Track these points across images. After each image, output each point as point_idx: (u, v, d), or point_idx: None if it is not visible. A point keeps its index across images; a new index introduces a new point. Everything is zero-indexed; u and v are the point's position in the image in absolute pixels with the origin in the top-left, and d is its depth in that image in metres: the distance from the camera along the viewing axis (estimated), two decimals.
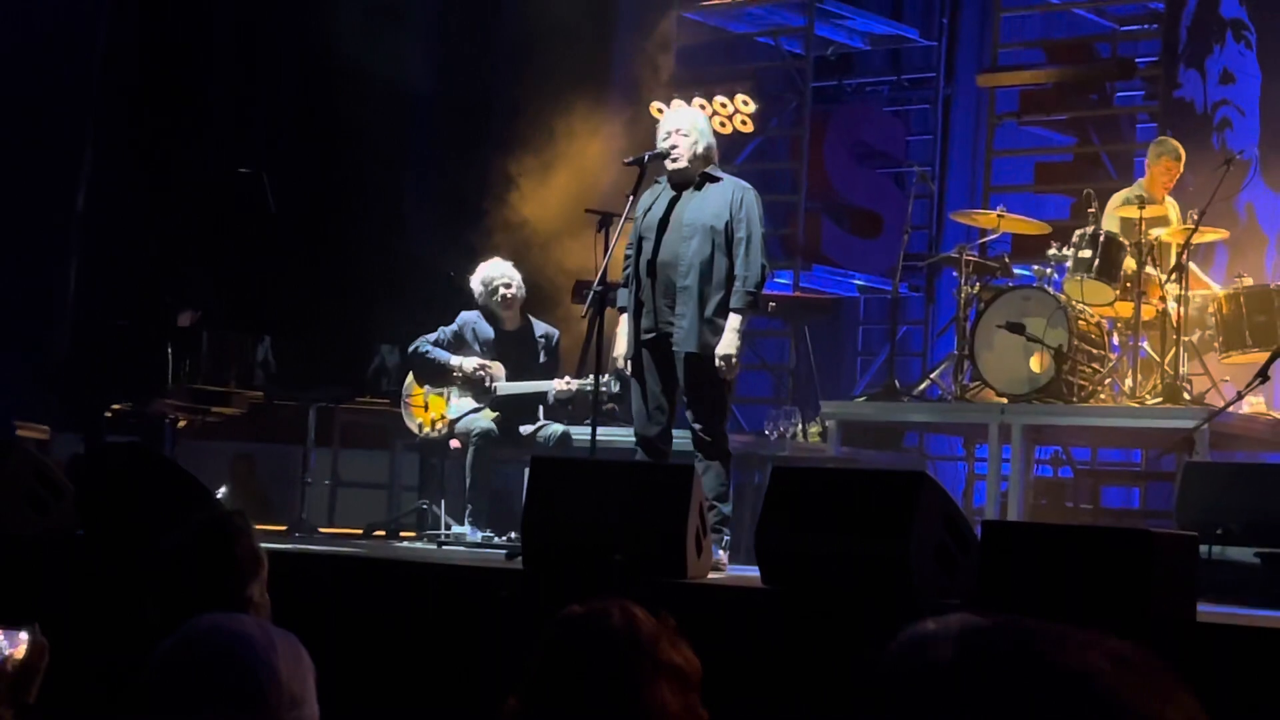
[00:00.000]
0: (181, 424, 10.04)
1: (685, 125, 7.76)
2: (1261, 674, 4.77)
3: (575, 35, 12.57)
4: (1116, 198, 10.23)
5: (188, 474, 7.12)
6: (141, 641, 3.49)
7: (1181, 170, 10.28)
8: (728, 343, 7.46)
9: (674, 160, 7.65)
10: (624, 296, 7.80)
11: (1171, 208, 10.26)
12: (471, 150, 12.88)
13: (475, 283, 9.29)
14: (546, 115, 11.87)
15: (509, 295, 9.25)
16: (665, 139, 7.71)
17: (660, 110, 12.52)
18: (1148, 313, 9.73)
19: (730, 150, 12.20)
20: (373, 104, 12.28)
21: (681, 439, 7.79)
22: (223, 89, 13.04)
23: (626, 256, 7.78)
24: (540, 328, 9.44)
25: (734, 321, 7.49)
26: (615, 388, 8.67)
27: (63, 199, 12.26)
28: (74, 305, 12.05)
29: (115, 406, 9.88)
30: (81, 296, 12.04)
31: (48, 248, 12.19)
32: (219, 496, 9.41)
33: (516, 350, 9.27)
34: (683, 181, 7.69)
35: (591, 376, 7.99)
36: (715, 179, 7.67)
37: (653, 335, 7.59)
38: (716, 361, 7.46)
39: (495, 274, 9.27)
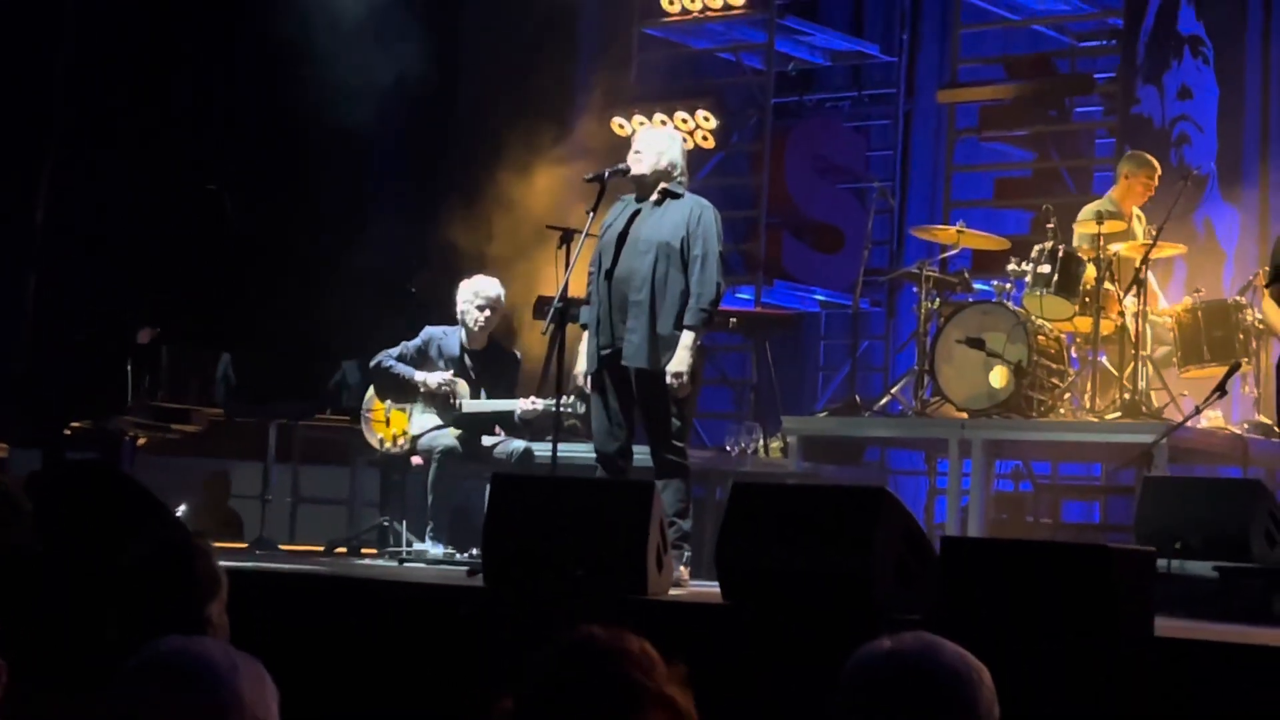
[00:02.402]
0: (141, 441, 10.00)
1: (654, 137, 7.89)
2: (1218, 688, 4.79)
3: (537, 51, 12.57)
4: (1087, 210, 10.24)
5: (148, 492, 7.08)
6: (100, 661, 3.48)
7: (1157, 184, 10.32)
8: (679, 360, 7.46)
9: (631, 167, 7.69)
10: (586, 313, 7.81)
11: (1138, 221, 10.30)
12: (434, 166, 12.86)
13: (465, 291, 9.25)
14: (509, 131, 11.87)
15: (491, 315, 9.25)
16: (632, 148, 7.80)
17: (622, 126, 12.55)
18: (1107, 327, 9.77)
19: (692, 166, 12.17)
20: (335, 121, 12.25)
21: (642, 455, 7.79)
22: (184, 105, 13.00)
23: (590, 274, 7.80)
24: (503, 349, 9.45)
25: (686, 339, 7.48)
26: (580, 409, 8.65)
27: (21, 214, 12.21)
28: (32, 321, 11.99)
29: (74, 423, 9.84)
30: (40, 312, 11.98)
31: (6, 263, 12.12)
32: (179, 514, 9.37)
33: (480, 369, 9.27)
34: (643, 192, 7.72)
35: (554, 395, 7.99)
36: (676, 195, 7.69)
37: (609, 351, 7.59)
38: (668, 379, 7.45)
39: (489, 291, 9.25)
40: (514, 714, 2.49)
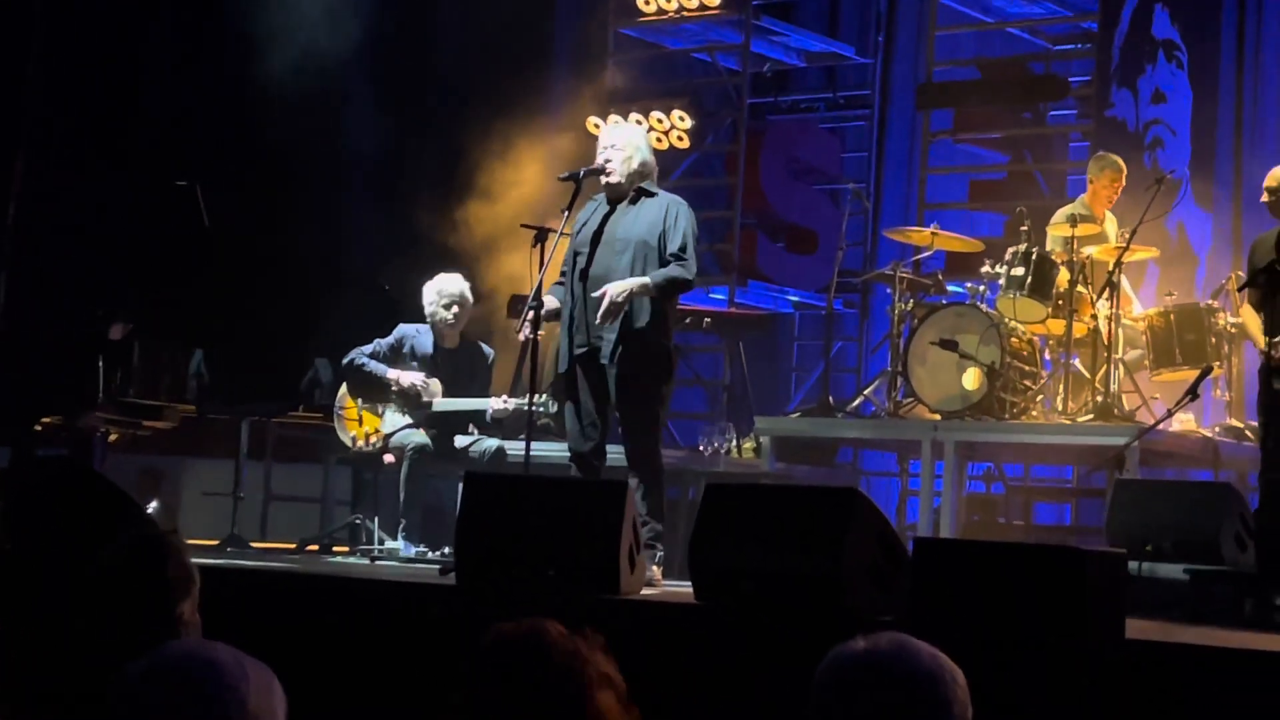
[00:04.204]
0: (113, 438, 9.96)
1: (621, 141, 7.78)
2: (1189, 691, 4.80)
3: (512, 52, 12.55)
4: (1060, 214, 10.28)
5: (118, 489, 7.05)
6: (70, 659, 3.46)
7: (1124, 184, 10.36)
8: (623, 284, 7.39)
9: (607, 175, 7.67)
10: (554, 298, 7.76)
11: (1111, 224, 10.33)
12: (410, 165, 12.84)
13: (430, 291, 9.24)
14: (485, 131, 11.85)
15: (459, 312, 9.24)
16: (602, 154, 7.74)
17: (597, 126, 12.53)
18: (1079, 330, 9.80)
19: (666, 166, 12.19)
20: (310, 117, 12.23)
21: (615, 455, 7.78)
22: (158, 100, 12.96)
23: (563, 272, 7.78)
24: (477, 347, 9.44)
25: (645, 278, 7.44)
26: (552, 408, 8.64)
27: None
28: (3, 317, 11.93)
29: (45, 420, 9.79)
30: (11, 308, 11.92)
31: None
32: (149, 512, 9.34)
33: (453, 367, 9.26)
34: (617, 196, 7.70)
35: (528, 395, 7.98)
36: (650, 194, 7.68)
37: (584, 350, 7.58)
38: (605, 287, 7.40)
39: (452, 289, 9.24)
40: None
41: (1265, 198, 8.19)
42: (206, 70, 13.00)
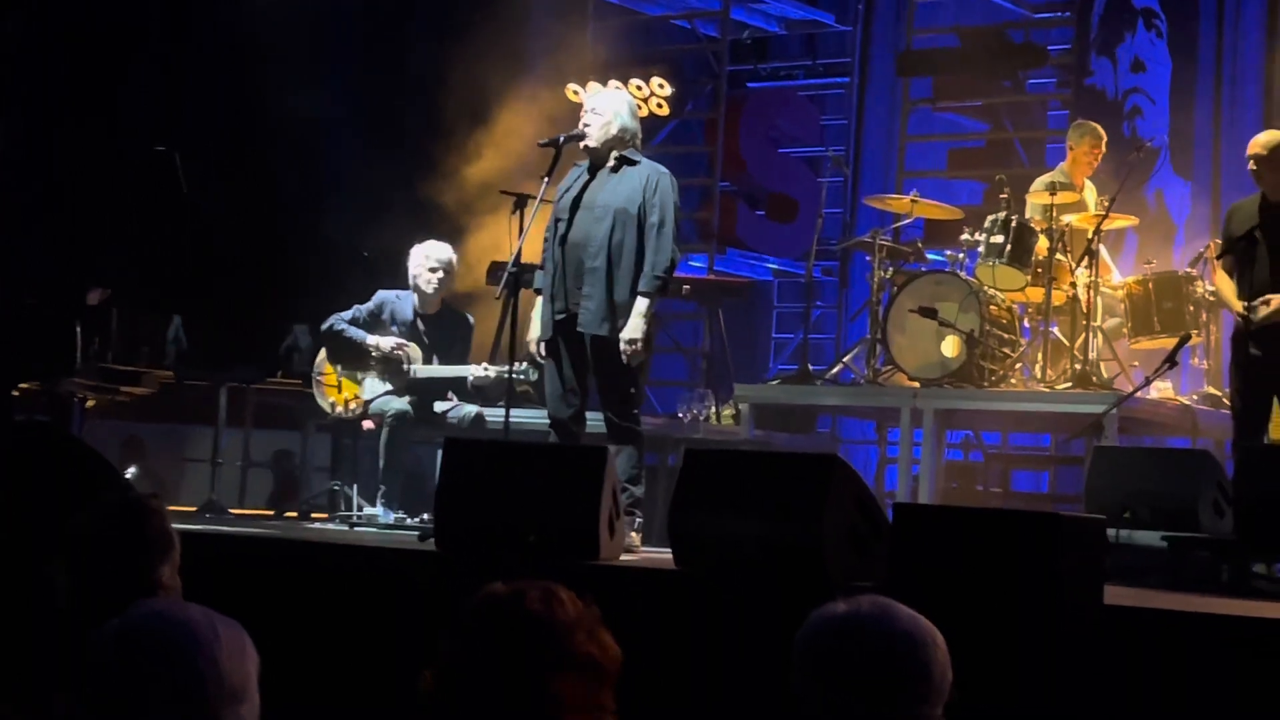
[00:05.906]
0: (90, 404, 9.93)
1: (601, 105, 7.77)
2: (1166, 656, 4.82)
3: (492, 18, 12.51)
4: (1039, 182, 10.28)
5: (97, 454, 7.04)
6: (51, 623, 3.46)
7: (1104, 152, 10.36)
8: (633, 327, 7.43)
9: (583, 139, 7.66)
10: (540, 279, 7.78)
11: (1090, 192, 10.34)
12: (389, 132, 12.80)
13: (418, 254, 9.19)
14: (464, 98, 11.82)
15: (444, 279, 9.21)
16: (582, 118, 7.74)
17: (576, 93, 12.50)
18: (1058, 298, 9.82)
19: (646, 133, 12.12)
20: (290, 84, 12.18)
21: (595, 421, 7.78)
22: (138, 66, 12.90)
23: (546, 239, 7.77)
24: (456, 314, 9.42)
25: (640, 306, 7.45)
26: (533, 376, 8.63)
27: None
28: None
29: (23, 385, 9.77)
30: None
31: None
32: (128, 477, 9.32)
33: (433, 334, 9.24)
34: (597, 162, 7.69)
35: (508, 361, 7.98)
36: (633, 162, 7.66)
37: (564, 316, 7.57)
38: (621, 345, 7.43)
39: (441, 254, 9.21)
40: (433, 689, 2.48)
41: (1251, 165, 8.18)
42: (188, 37, 12.95)
